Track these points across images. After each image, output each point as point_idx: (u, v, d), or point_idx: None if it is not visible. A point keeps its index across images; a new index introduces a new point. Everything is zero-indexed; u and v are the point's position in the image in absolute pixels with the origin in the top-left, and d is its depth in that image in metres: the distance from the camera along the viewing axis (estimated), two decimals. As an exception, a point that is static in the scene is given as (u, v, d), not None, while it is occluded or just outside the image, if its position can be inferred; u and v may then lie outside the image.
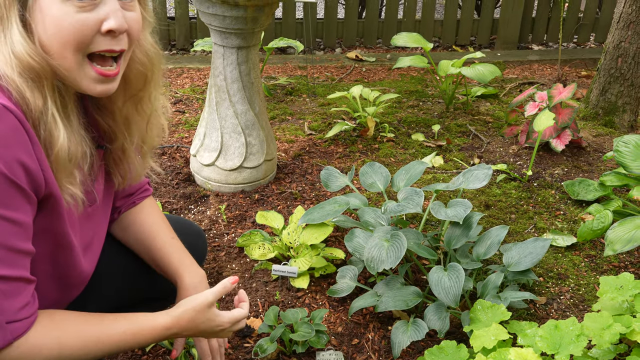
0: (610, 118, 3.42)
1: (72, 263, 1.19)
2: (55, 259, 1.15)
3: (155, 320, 1.22)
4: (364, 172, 2.28)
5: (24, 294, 1.04)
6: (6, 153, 0.96)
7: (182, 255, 1.45)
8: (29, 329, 1.05)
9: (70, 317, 1.14)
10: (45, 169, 1.03)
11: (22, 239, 1.02)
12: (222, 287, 1.31)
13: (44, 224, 1.08)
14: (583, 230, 2.30)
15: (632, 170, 2.26)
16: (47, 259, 1.14)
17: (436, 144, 3.16)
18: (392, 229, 1.93)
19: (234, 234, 2.36)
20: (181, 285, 1.40)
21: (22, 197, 1.00)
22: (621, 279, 1.73)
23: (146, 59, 1.20)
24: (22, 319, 1.04)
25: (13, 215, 0.99)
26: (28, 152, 0.99)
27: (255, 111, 2.53)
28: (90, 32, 1.04)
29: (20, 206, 1.00)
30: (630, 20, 3.23)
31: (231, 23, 2.31)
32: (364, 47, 4.97)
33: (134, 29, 1.11)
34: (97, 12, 1.04)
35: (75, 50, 1.04)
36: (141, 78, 1.21)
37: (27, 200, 1.01)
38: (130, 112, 1.24)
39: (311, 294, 2.07)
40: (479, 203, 2.61)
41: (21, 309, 1.03)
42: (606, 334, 1.54)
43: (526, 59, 4.78)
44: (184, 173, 2.74)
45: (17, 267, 1.02)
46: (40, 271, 1.13)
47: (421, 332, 1.76)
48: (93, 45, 1.06)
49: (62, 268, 1.18)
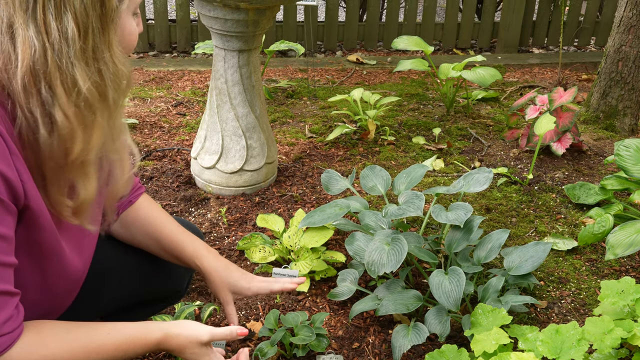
0: (611, 122, 3.42)
1: (63, 271, 1.16)
2: (43, 268, 1.12)
3: (150, 335, 1.20)
4: (365, 175, 2.27)
5: (7, 308, 1.00)
6: None
7: (194, 241, 1.49)
8: (13, 344, 1.01)
9: (58, 330, 1.10)
10: (25, 180, 1.00)
11: (4, 251, 0.98)
12: (228, 333, 1.30)
13: (25, 235, 1.05)
14: (584, 234, 2.30)
15: (632, 174, 2.25)
16: (35, 269, 1.10)
17: (437, 147, 3.16)
18: (392, 233, 1.93)
19: (235, 237, 2.36)
20: (203, 271, 1.48)
21: (1, 209, 0.97)
22: (622, 283, 1.73)
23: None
24: (5, 334, 1.00)
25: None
26: (7, 162, 0.96)
27: (256, 114, 2.53)
28: None
29: (1, 219, 0.97)
30: (631, 24, 3.23)
31: (232, 26, 2.32)
32: (364, 50, 4.97)
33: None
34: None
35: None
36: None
37: (7, 212, 0.98)
38: None
39: (312, 297, 2.07)
40: (480, 206, 2.61)
41: (3, 323, 0.99)
42: (607, 339, 1.53)
43: (527, 62, 4.78)
44: (184, 176, 2.73)
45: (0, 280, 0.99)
46: (30, 282, 1.09)
47: (422, 336, 1.76)
48: None
49: (52, 277, 1.14)
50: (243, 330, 1.32)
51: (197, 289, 2.08)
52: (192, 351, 1.27)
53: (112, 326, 1.18)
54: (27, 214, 1.03)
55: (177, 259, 1.50)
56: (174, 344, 1.24)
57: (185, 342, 1.25)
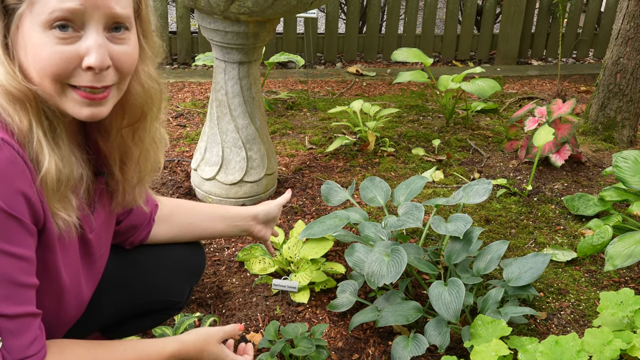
0: (610, 133, 3.43)
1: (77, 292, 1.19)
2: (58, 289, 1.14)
3: (165, 348, 1.24)
4: (365, 186, 2.28)
5: (32, 329, 1.02)
6: (6, 187, 0.94)
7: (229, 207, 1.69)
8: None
9: (78, 349, 1.13)
10: (43, 200, 1.01)
11: (26, 272, 1.00)
12: (232, 329, 1.41)
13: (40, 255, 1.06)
14: (583, 245, 2.30)
15: (631, 185, 2.26)
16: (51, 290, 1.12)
17: (436, 158, 3.17)
18: (392, 244, 1.93)
19: (235, 248, 2.36)
20: (257, 214, 1.69)
21: (23, 231, 0.98)
22: (621, 294, 1.73)
23: (142, 92, 1.13)
24: (32, 355, 1.01)
25: (16, 250, 0.97)
26: (28, 183, 0.97)
27: (256, 125, 2.55)
28: (70, 66, 0.98)
29: (22, 240, 0.98)
30: (629, 37, 3.25)
31: (233, 38, 2.33)
32: (364, 62, 4.99)
33: (125, 63, 1.04)
34: (79, 46, 0.98)
35: (54, 80, 0.99)
36: (137, 110, 1.15)
37: (28, 233, 0.99)
38: (126, 140, 1.18)
39: (311, 308, 2.07)
40: (479, 218, 2.62)
41: (30, 344, 1.01)
42: (607, 350, 1.54)
43: (526, 74, 4.80)
44: (184, 187, 2.74)
45: (23, 302, 1.00)
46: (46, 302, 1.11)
47: (421, 348, 1.76)
48: (74, 78, 1.00)
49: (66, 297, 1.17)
50: (241, 325, 1.47)
51: (197, 300, 2.08)
52: (211, 351, 1.32)
53: (127, 343, 1.20)
54: (43, 235, 1.05)
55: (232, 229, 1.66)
56: (192, 350, 1.28)
57: (202, 344, 1.30)
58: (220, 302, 2.08)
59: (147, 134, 1.20)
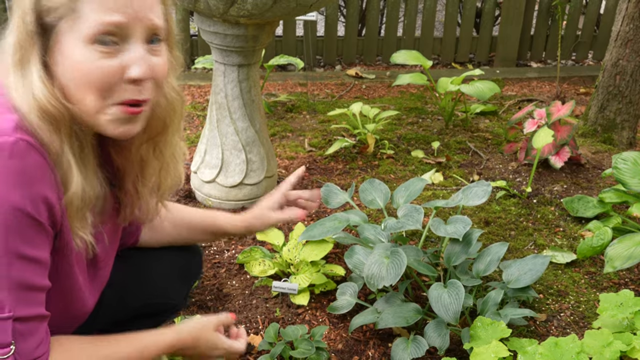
0: (609, 135, 3.43)
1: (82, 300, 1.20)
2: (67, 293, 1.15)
3: (162, 338, 1.25)
4: (364, 188, 2.28)
5: (39, 332, 1.02)
6: (32, 191, 0.94)
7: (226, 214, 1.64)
8: None
9: (77, 342, 1.14)
10: (64, 211, 1.02)
11: (40, 275, 1.00)
12: (225, 318, 1.42)
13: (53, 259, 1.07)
14: (583, 247, 2.30)
15: (630, 187, 2.26)
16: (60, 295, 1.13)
17: (436, 160, 3.17)
18: (392, 246, 1.93)
19: (234, 250, 2.36)
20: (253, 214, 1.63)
21: (42, 234, 0.99)
22: (621, 296, 1.73)
23: (166, 104, 1.14)
24: (39, 357, 1.02)
25: (34, 253, 0.98)
26: (52, 187, 0.98)
27: (256, 128, 2.55)
28: (112, 80, 0.99)
29: (40, 243, 0.99)
30: (628, 39, 3.26)
31: (232, 41, 2.33)
32: (363, 64, 5.00)
33: (160, 74, 1.05)
34: (121, 59, 0.99)
35: (97, 96, 0.99)
36: (160, 123, 1.15)
37: (46, 236, 1.00)
38: (146, 155, 1.18)
39: (311, 310, 2.07)
40: (479, 220, 2.62)
41: (37, 347, 1.01)
42: (606, 352, 1.54)
43: (525, 76, 4.81)
44: (184, 190, 2.74)
45: (34, 305, 1.00)
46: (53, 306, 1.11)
47: (421, 349, 1.76)
48: (116, 94, 1.00)
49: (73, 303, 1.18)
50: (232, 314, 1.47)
51: (196, 302, 2.08)
52: (207, 337, 1.33)
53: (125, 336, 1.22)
54: (58, 239, 1.05)
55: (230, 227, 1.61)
56: (189, 339, 1.29)
57: (198, 332, 1.31)
58: (220, 304, 2.08)
59: (167, 147, 1.19)
